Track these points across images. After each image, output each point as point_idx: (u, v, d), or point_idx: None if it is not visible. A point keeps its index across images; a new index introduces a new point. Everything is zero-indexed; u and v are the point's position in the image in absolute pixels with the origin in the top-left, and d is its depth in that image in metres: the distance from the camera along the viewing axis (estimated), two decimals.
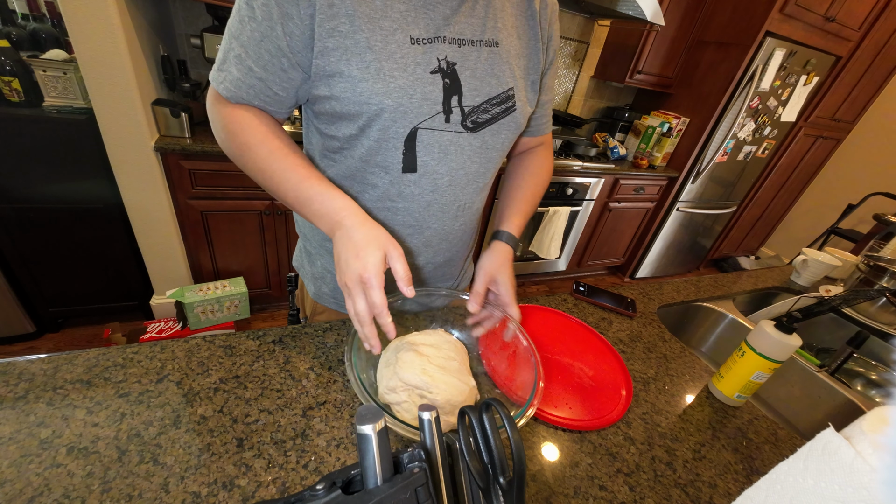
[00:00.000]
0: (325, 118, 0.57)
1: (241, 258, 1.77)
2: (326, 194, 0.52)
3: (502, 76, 0.58)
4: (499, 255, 0.64)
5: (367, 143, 0.56)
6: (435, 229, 0.66)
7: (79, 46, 1.21)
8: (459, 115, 0.56)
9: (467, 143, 0.59)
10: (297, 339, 0.64)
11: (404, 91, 0.51)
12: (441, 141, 0.57)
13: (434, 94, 0.53)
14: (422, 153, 0.57)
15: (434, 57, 0.52)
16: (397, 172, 0.58)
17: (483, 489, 0.33)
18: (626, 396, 0.67)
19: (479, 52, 0.55)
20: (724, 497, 0.54)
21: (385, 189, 0.60)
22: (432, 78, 0.53)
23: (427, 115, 0.54)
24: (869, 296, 1.08)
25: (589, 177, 2.27)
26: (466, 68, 0.55)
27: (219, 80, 0.52)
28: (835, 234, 2.82)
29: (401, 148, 0.56)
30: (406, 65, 0.51)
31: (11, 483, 0.40)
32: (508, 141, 0.64)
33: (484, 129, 0.59)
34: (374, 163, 0.58)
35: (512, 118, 0.61)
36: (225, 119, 0.54)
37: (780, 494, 0.29)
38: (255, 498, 0.42)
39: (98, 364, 0.54)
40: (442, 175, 0.60)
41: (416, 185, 0.60)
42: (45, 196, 1.41)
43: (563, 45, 2.42)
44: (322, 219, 0.53)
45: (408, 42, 0.50)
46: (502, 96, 0.59)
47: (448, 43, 0.53)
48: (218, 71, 0.52)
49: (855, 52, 2.52)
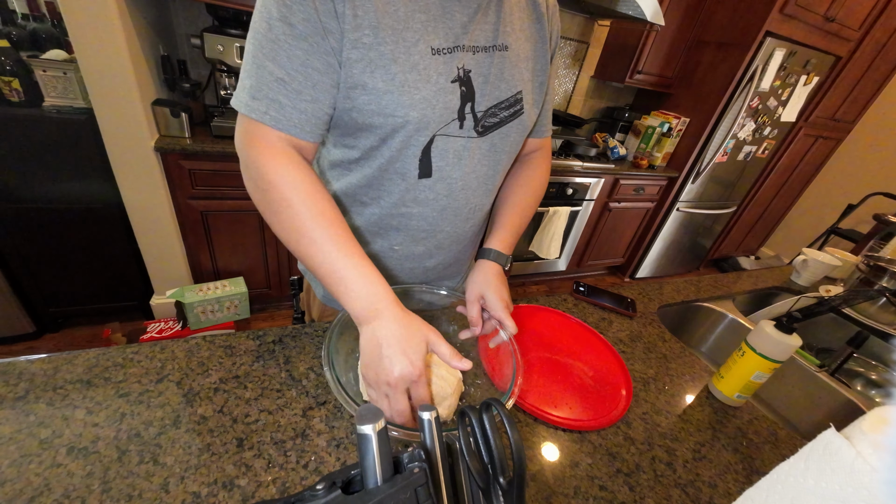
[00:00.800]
0: (342, 129, 0.56)
1: (241, 258, 1.77)
2: (366, 279, 0.48)
3: (512, 80, 0.58)
4: (483, 273, 0.63)
5: (387, 153, 0.55)
6: (448, 232, 0.66)
7: (79, 46, 1.21)
8: (472, 121, 0.57)
9: (477, 147, 0.59)
10: (297, 339, 0.64)
11: (428, 102, 0.51)
12: (455, 146, 0.57)
13: (453, 102, 0.54)
14: (437, 159, 0.57)
15: (454, 66, 0.52)
16: (413, 179, 0.58)
17: (483, 489, 0.33)
18: (626, 396, 0.67)
19: (491, 57, 0.55)
20: (724, 497, 0.54)
21: (401, 195, 0.60)
22: (452, 87, 0.53)
23: (445, 122, 0.54)
24: (869, 296, 1.08)
25: (589, 177, 2.27)
26: (479, 74, 0.55)
27: (261, 111, 0.47)
28: (835, 234, 2.82)
29: (418, 155, 0.56)
30: (429, 76, 0.51)
31: (11, 483, 0.40)
32: (517, 143, 0.64)
33: (493, 132, 0.59)
34: (392, 171, 0.58)
35: (520, 121, 0.61)
36: (264, 168, 0.48)
37: (781, 494, 0.29)
38: (255, 498, 0.42)
39: (98, 364, 0.54)
40: (456, 179, 0.60)
41: (431, 190, 0.60)
42: (45, 196, 1.40)
43: (563, 45, 2.42)
44: (356, 301, 0.48)
45: (429, 53, 0.50)
46: (511, 100, 0.59)
47: (466, 51, 0.53)
48: (254, 100, 0.46)
49: (855, 52, 2.52)
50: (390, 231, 0.65)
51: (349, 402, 0.45)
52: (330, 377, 0.47)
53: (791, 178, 3.16)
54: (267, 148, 0.49)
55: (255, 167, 0.49)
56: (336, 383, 0.46)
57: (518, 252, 2.41)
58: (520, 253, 2.42)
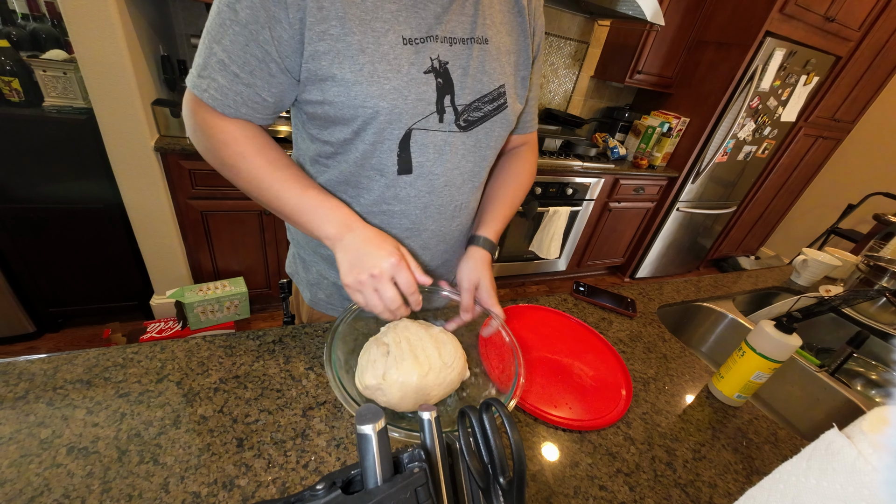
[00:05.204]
0: (317, 123, 0.56)
1: (241, 258, 1.77)
2: (332, 203, 0.53)
3: (493, 73, 0.58)
4: (476, 260, 0.64)
5: (361, 146, 0.55)
6: (432, 231, 0.66)
7: (79, 46, 1.21)
8: (453, 115, 0.56)
9: (461, 143, 0.59)
10: (297, 339, 0.64)
11: (399, 92, 0.51)
12: (435, 141, 0.57)
13: (428, 94, 0.53)
14: (416, 154, 0.56)
15: (427, 56, 0.52)
16: (393, 175, 0.58)
17: (483, 489, 0.33)
18: (626, 396, 0.67)
19: (470, 49, 0.55)
20: (724, 497, 0.54)
21: (381, 192, 0.60)
22: (426, 78, 0.52)
23: (421, 115, 0.54)
24: (869, 296, 1.08)
25: (589, 177, 2.27)
26: (458, 67, 0.54)
27: (202, 88, 0.49)
28: (835, 234, 2.82)
29: (395, 150, 0.55)
30: (400, 66, 0.50)
31: (11, 483, 0.40)
32: (501, 138, 0.64)
33: (476, 127, 0.59)
34: (368, 166, 0.57)
35: (503, 115, 0.61)
36: (212, 129, 0.51)
37: (783, 493, 0.29)
38: (255, 498, 0.42)
39: (98, 364, 0.54)
40: (438, 176, 0.59)
41: (412, 186, 0.59)
42: (46, 196, 1.40)
43: (563, 45, 2.42)
44: (327, 224, 0.53)
45: (400, 42, 0.50)
46: (494, 94, 0.59)
47: (440, 42, 0.52)
48: (199, 77, 0.49)
49: (855, 52, 2.52)
50: None
51: (349, 401, 0.45)
52: (331, 376, 0.47)
53: (791, 178, 3.16)
54: (210, 114, 0.51)
55: (202, 129, 0.52)
56: (337, 382, 0.47)
57: (518, 252, 2.41)
58: (520, 253, 2.42)
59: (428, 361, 0.53)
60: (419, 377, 0.51)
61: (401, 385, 0.50)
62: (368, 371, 0.52)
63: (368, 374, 0.51)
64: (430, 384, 0.52)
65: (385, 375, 0.51)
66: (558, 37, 2.38)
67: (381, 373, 0.51)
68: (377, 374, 0.51)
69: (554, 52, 2.42)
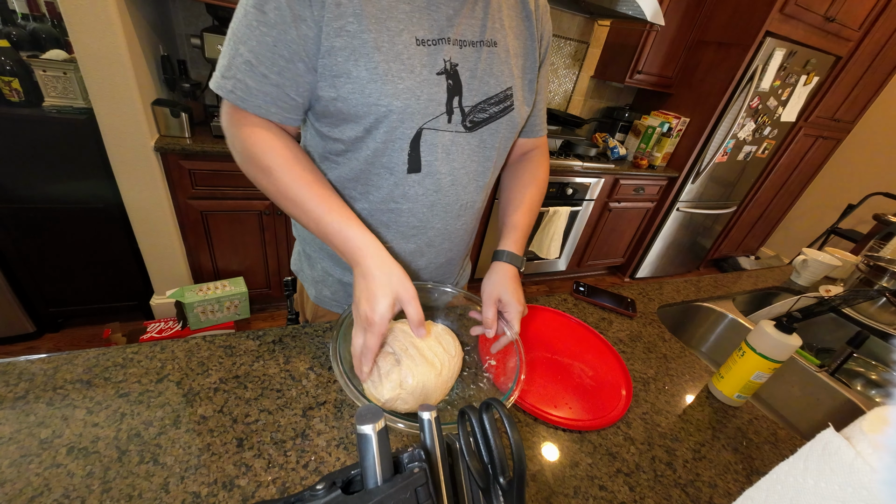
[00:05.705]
0: (327, 120, 0.56)
1: (241, 258, 1.77)
2: (349, 231, 0.53)
3: (501, 76, 0.58)
4: (500, 275, 0.64)
5: (372, 144, 0.56)
6: (438, 229, 0.66)
7: (79, 46, 1.21)
8: (460, 116, 0.57)
9: (466, 143, 0.59)
10: (297, 339, 0.64)
11: (412, 92, 0.51)
12: (443, 141, 0.57)
13: (439, 95, 0.54)
14: (425, 153, 0.57)
15: (440, 58, 0.53)
16: (402, 174, 0.58)
17: (483, 489, 0.33)
18: (626, 396, 0.67)
19: (479, 52, 0.56)
20: (724, 497, 0.54)
21: (389, 190, 0.60)
22: (438, 79, 0.53)
23: (432, 115, 0.54)
24: (869, 296, 1.08)
25: (589, 177, 2.27)
26: (466, 69, 0.55)
27: (228, 90, 0.49)
28: (835, 234, 2.82)
29: (406, 149, 0.56)
30: (413, 66, 0.51)
31: (11, 483, 0.40)
32: (507, 140, 0.64)
33: (482, 127, 0.60)
34: (379, 164, 0.58)
35: (509, 118, 0.61)
36: (245, 141, 0.52)
37: (781, 494, 0.29)
38: (255, 498, 0.42)
39: (98, 364, 0.54)
40: (444, 175, 0.60)
41: (419, 185, 0.60)
42: (45, 196, 1.40)
43: (563, 45, 2.42)
44: (343, 254, 0.54)
45: (413, 43, 0.50)
46: (500, 96, 0.59)
47: (451, 44, 0.53)
48: (223, 79, 0.49)
49: (855, 52, 2.52)
50: (380, 227, 0.65)
51: (359, 397, 0.46)
52: (338, 371, 0.48)
53: (791, 178, 3.16)
54: (247, 125, 0.52)
55: (239, 141, 0.53)
56: (344, 377, 0.47)
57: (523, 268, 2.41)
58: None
59: (438, 359, 0.54)
60: (435, 376, 0.52)
61: (421, 389, 0.51)
62: (385, 385, 0.51)
63: (386, 389, 0.51)
64: (444, 379, 0.53)
65: (402, 384, 0.51)
66: (558, 37, 2.38)
67: (397, 383, 0.51)
68: (394, 385, 0.51)
69: (554, 52, 2.42)
